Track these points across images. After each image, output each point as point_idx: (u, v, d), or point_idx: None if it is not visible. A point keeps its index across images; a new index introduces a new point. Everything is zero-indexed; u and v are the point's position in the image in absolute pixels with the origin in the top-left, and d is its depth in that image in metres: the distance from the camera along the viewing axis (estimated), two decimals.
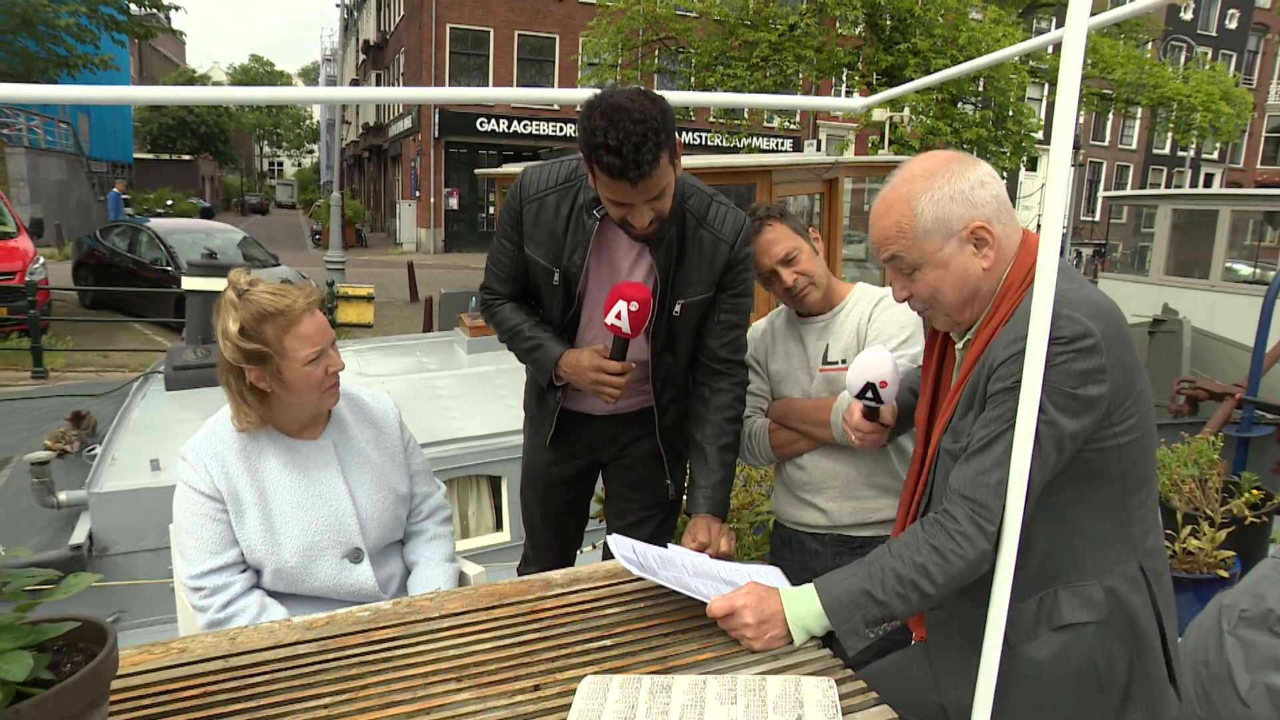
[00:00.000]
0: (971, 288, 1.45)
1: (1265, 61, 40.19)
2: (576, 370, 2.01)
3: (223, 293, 1.78)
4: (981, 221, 1.42)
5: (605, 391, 1.97)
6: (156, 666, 1.38)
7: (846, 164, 5.76)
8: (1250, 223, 10.24)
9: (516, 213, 2.04)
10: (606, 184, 1.77)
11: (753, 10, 16.28)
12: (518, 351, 2.15)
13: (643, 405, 2.21)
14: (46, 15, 13.33)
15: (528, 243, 2.04)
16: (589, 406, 2.21)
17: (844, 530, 2.16)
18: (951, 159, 1.46)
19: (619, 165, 1.70)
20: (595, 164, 1.74)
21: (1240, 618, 1.94)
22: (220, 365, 1.79)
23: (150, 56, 46.27)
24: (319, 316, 1.82)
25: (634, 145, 1.68)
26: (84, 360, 10.23)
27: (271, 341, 1.74)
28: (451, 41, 27.06)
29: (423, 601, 1.60)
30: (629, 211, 1.83)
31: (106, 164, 31.91)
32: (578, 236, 1.98)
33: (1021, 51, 2.59)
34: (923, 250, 1.44)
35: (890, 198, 1.47)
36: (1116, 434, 1.37)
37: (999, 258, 1.44)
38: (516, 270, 2.09)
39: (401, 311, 14.97)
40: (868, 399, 1.69)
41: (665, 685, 1.29)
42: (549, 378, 2.09)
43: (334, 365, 1.82)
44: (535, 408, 2.28)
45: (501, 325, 2.15)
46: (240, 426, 1.82)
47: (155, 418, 4.18)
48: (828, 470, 2.15)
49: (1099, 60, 16.03)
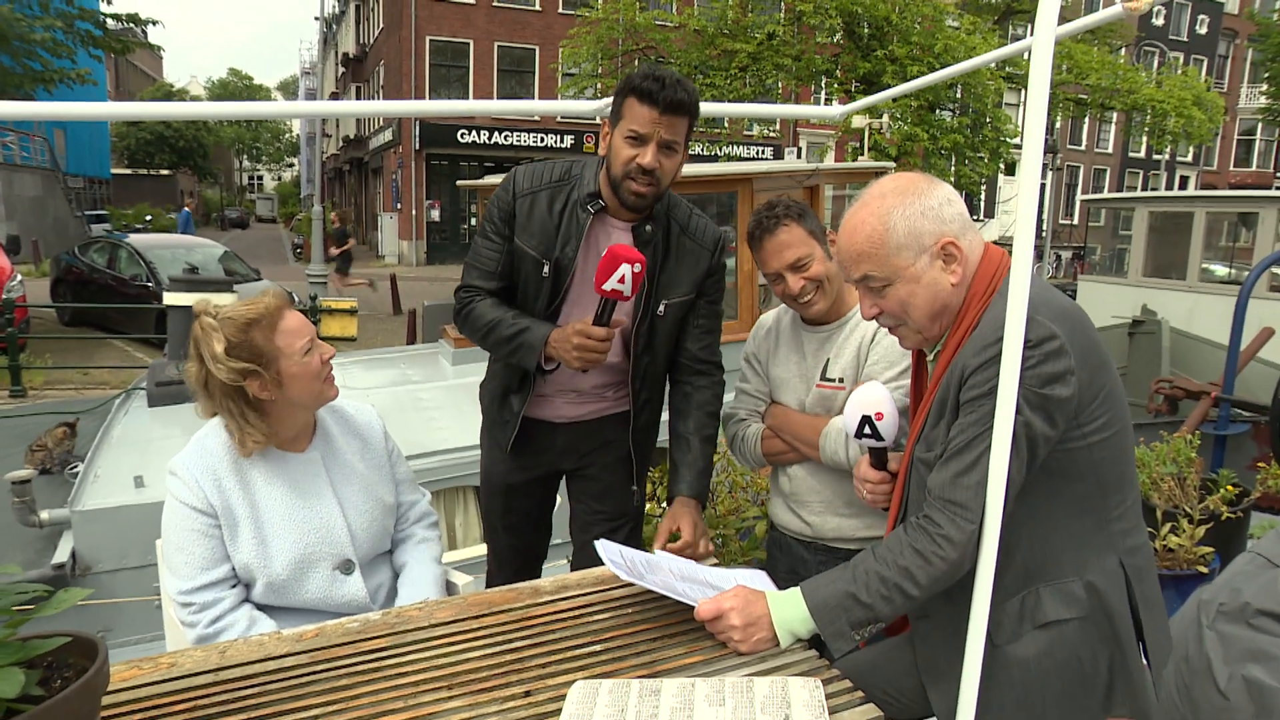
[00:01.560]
0: (941, 302, 1.48)
1: (1235, 66, 40.85)
2: (562, 340, 1.99)
3: (197, 322, 1.77)
4: (951, 237, 1.46)
5: (589, 357, 1.97)
6: (146, 682, 1.38)
7: (827, 171, 5.81)
8: (1225, 224, 10.40)
9: (509, 207, 2.09)
10: (635, 115, 1.90)
11: (731, 20, 16.40)
12: (498, 340, 2.10)
13: (606, 412, 2.25)
14: (21, 30, 13.21)
15: (520, 234, 2.08)
16: (551, 414, 2.24)
17: (828, 542, 2.17)
18: (919, 178, 1.51)
19: (656, 88, 1.87)
20: (633, 93, 1.89)
21: (1219, 612, 1.98)
22: (214, 394, 1.77)
23: (127, 71, 46.01)
24: (295, 313, 1.85)
25: (674, 80, 1.89)
26: (64, 378, 10.12)
27: (263, 345, 1.75)
28: (431, 53, 27.05)
29: (412, 611, 1.61)
30: (642, 150, 1.92)
31: (83, 179, 31.68)
32: (571, 229, 2.05)
33: (995, 59, 2.63)
34: (895, 265, 1.47)
35: (862, 214, 1.49)
36: (1086, 434, 1.40)
37: (965, 273, 1.48)
38: (504, 264, 2.11)
39: (385, 324, 14.91)
40: (866, 435, 1.62)
41: (654, 689, 1.30)
42: (537, 357, 2.05)
43: (326, 353, 1.85)
44: (496, 411, 2.27)
45: (480, 319, 2.11)
46: (245, 451, 1.81)
47: (138, 434, 4.15)
48: (811, 485, 2.15)
49: (1074, 66, 16.22)
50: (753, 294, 5.15)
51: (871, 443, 1.64)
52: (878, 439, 1.63)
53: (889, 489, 1.69)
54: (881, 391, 1.62)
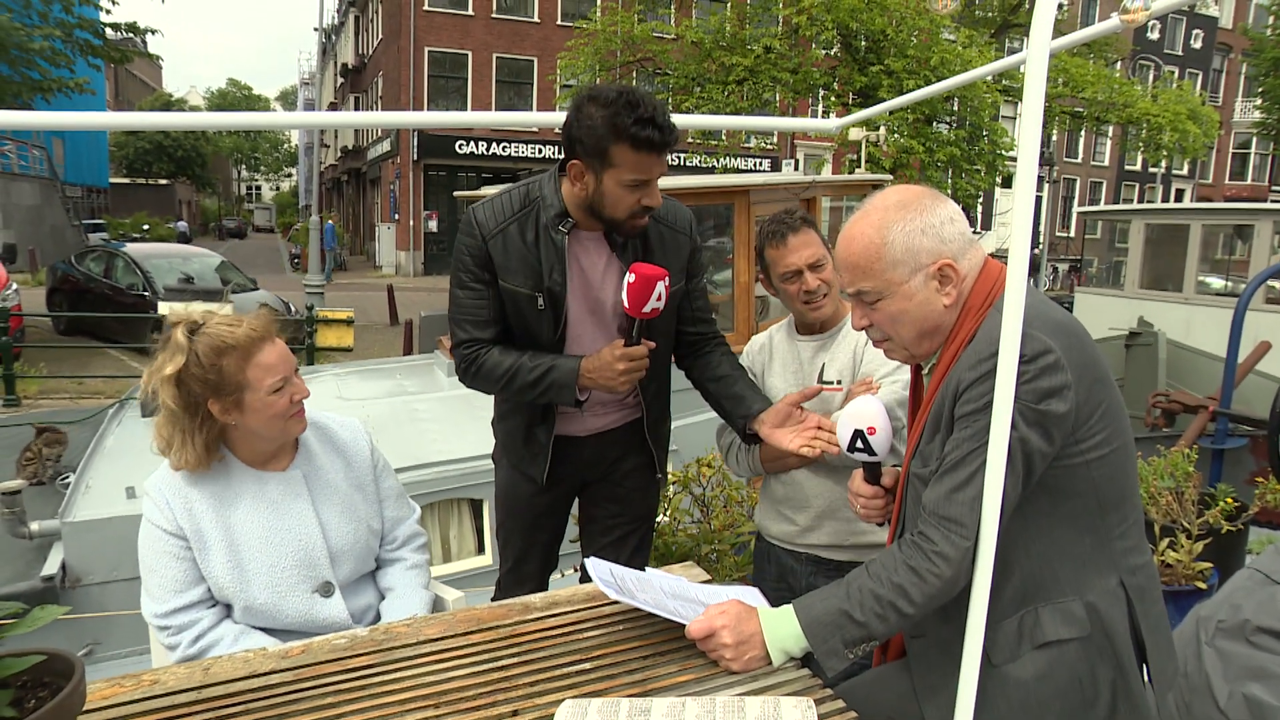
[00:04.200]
0: (933, 323, 1.47)
1: (1230, 80, 41.08)
2: (602, 368, 1.96)
3: (174, 330, 1.74)
4: (949, 259, 1.44)
5: (635, 377, 1.98)
6: (127, 700, 1.36)
7: (824, 183, 5.82)
8: (1220, 236, 10.42)
9: (482, 252, 2.00)
10: (635, 163, 1.83)
11: (728, 33, 16.45)
12: (522, 386, 2.02)
13: (629, 419, 2.23)
14: (20, 39, 13.21)
15: (502, 276, 2.01)
16: (578, 429, 2.20)
17: (819, 551, 2.17)
18: (924, 193, 1.48)
19: (659, 136, 1.80)
20: (628, 142, 1.80)
21: (1217, 628, 1.96)
22: (169, 403, 1.73)
23: (126, 81, 46.09)
24: (279, 344, 1.79)
25: (664, 114, 1.81)
26: (58, 387, 10.08)
27: (232, 374, 1.71)
28: (430, 65, 27.13)
29: (400, 628, 1.58)
30: (645, 192, 1.88)
31: (81, 188, 31.67)
32: (550, 255, 1.99)
33: (989, 72, 2.63)
34: (888, 280, 1.45)
35: (861, 224, 1.48)
36: (1084, 450, 1.37)
37: (960, 294, 1.46)
38: (495, 308, 2.05)
39: (381, 334, 14.89)
40: (859, 450, 1.60)
41: (644, 708, 1.28)
42: (573, 395, 2.01)
43: (299, 393, 1.79)
44: (523, 446, 2.21)
45: (495, 370, 2.03)
46: (176, 465, 1.78)
47: (130, 445, 4.13)
48: (812, 488, 2.16)
49: (1070, 79, 16.28)
50: (749, 306, 5.14)
51: (864, 457, 1.62)
52: (870, 454, 1.60)
53: (882, 504, 1.67)
54: (874, 405, 1.59)
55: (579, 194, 1.93)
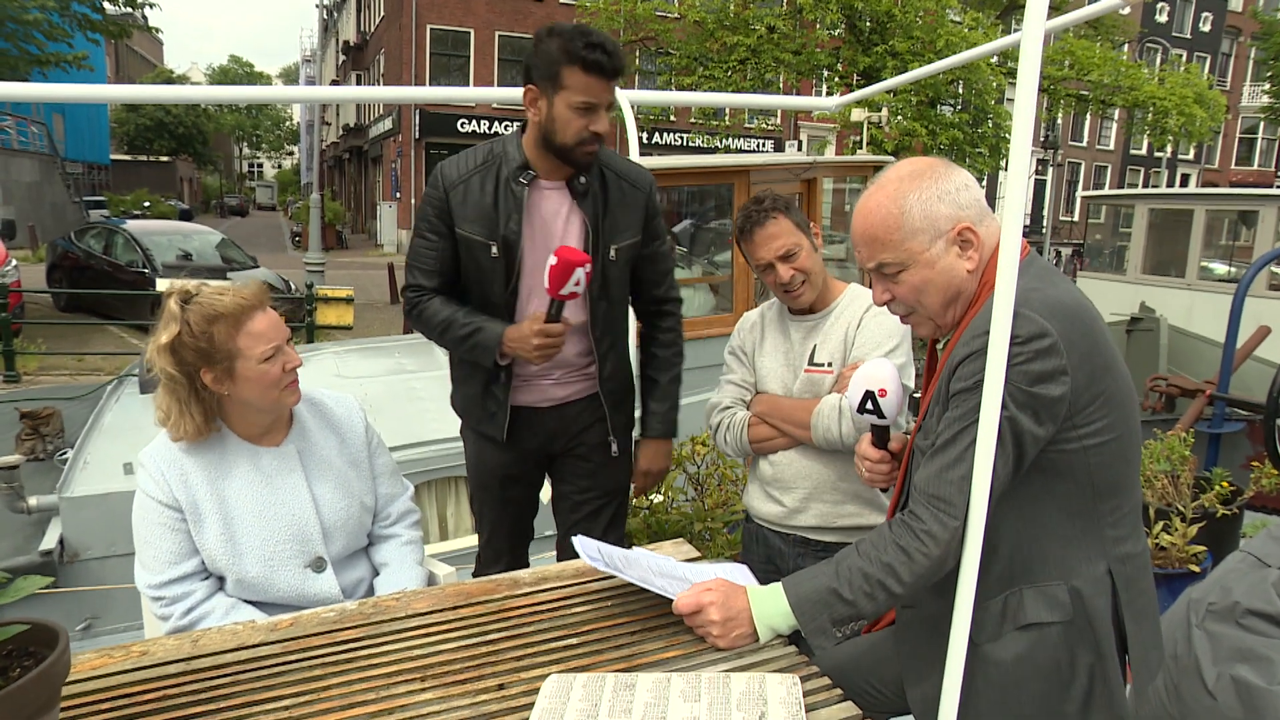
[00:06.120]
0: (955, 289, 1.45)
1: (1238, 64, 40.73)
2: (520, 339, 2.05)
3: (167, 300, 1.75)
4: (968, 223, 1.43)
5: (549, 352, 2.06)
6: (116, 670, 1.36)
7: (825, 164, 5.78)
8: (1225, 222, 10.37)
9: (442, 201, 2.12)
10: (584, 85, 1.94)
11: (732, 13, 16.31)
12: (452, 341, 2.16)
13: (592, 390, 2.27)
14: (13, 10, 13.10)
15: (459, 224, 2.11)
16: (538, 398, 2.25)
17: (806, 533, 2.17)
18: (936, 163, 1.47)
19: (606, 60, 1.93)
20: (579, 64, 1.92)
21: (1208, 611, 1.96)
22: (164, 374, 1.74)
23: (127, 56, 45.81)
24: (271, 314, 1.80)
25: (613, 43, 1.96)
26: (58, 364, 10.10)
27: (222, 341, 1.71)
28: (432, 42, 26.94)
29: (389, 601, 1.59)
30: (594, 118, 1.98)
31: (82, 165, 31.57)
32: (509, 205, 2.08)
33: (988, 52, 2.61)
34: (910, 250, 1.43)
35: (877, 197, 1.46)
36: (1081, 436, 1.35)
37: (981, 259, 1.44)
38: (444, 259, 2.16)
39: (381, 313, 14.87)
40: (868, 411, 1.59)
41: (629, 683, 1.28)
42: (493, 358, 2.12)
43: (291, 362, 1.80)
44: (479, 406, 2.27)
45: (432, 319, 2.16)
46: (175, 436, 1.79)
47: (129, 421, 4.13)
48: (800, 469, 2.15)
49: (1076, 62, 16.17)
50: (749, 287, 5.13)
51: (873, 419, 1.61)
52: (880, 415, 1.59)
53: (888, 469, 1.66)
54: (889, 368, 1.58)
55: (534, 122, 2.04)
